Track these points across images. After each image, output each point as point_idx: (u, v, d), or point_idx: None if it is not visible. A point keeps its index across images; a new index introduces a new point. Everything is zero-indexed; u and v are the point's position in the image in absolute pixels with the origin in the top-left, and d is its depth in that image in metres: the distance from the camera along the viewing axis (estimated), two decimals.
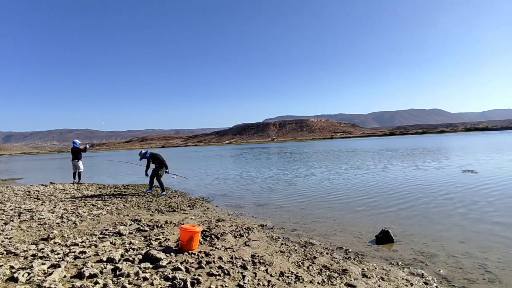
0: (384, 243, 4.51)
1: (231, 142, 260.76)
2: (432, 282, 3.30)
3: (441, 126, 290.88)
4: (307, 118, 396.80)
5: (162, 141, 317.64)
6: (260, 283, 3.09)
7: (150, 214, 6.55)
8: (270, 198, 8.39)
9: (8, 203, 7.62)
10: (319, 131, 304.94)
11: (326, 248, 4.41)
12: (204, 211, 6.94)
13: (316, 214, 6.39)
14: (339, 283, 3.21)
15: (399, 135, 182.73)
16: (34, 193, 9.69)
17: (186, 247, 3.96)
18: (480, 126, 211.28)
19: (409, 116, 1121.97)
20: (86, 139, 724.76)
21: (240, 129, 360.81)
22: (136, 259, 3.57)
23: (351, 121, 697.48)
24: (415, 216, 5.96)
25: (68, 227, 5.26)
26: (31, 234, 4.78)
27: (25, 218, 5.80)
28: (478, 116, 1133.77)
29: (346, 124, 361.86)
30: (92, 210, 6.74)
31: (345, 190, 9.00)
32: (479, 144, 32.79)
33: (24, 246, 3.97)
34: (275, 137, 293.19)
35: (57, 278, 2.97)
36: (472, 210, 6.20)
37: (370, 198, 7.75)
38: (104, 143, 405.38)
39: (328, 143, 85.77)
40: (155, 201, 8.22)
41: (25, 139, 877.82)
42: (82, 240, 4.36)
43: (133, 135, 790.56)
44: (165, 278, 3.09)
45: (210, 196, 9.11)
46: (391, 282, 3.30)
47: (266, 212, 6.80)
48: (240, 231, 5.12)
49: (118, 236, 4.64)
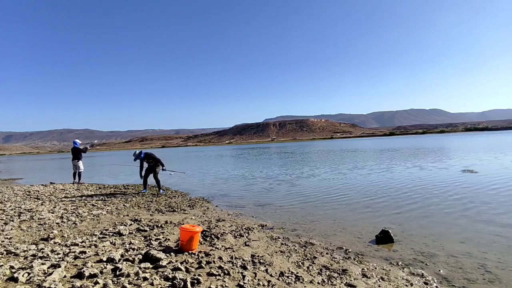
0: (384, 243, 4.51)
1: (231, 142, 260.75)
2: (432, 282, 3.31)
3: (441, 126, 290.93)
4: (307, 118, 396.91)
5: (162, 141, 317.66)
6: (260, 283, 3.09)
7: (150, 214, 6.55)
8: (270, 198, 8.39)
9: (8, 203, 7.62)
10: (319, 131, 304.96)
11: (326, 248, 4.41)
12: (204, 211, 6.94)
13: (316, 214, 6.40)
14: (339, 283, 3.21)
15: (399, 135, 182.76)
16: (34, 193, 9.69)
17: (186, 247, 3.96)
18: (480, 126, 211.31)
19: (409, 116, 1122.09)
20: (86, 139, 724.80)
21: (240, 129, 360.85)
22: (136, 259, 3.57)
23: (351, 121, 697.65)
24: (415, 216, 5.96)
25: (68, 227, 5.26)
26: (31, 234, 4.78)
27: (25, 218, 5.80)
28: (478, 116, 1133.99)
29: (346, 124, 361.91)
30: (92, 210, 6.74)
31: (345, 190, 8.99)
32: (479, 144, 32.78)
33: (24, 246, 3.97)
34: (275, 137, 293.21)
35: (57, 278, 2.97)
36: (472, 210, 6.20)
37: (370, 198, 7.75)
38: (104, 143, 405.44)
39: (328, 143, 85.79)
40: (155, 201, 8.22)
41: (25, 139, 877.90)
42: (82, 240, 4.36)
43: (133, 135, 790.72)
44: (165, 278, 3.09)
45: (210, 196, 9.11)
46: (391, 282, 3.30)
47: (266, 212, 6.81)
48: (240, 231, 5.12)
49: (118, 236, 4.64)
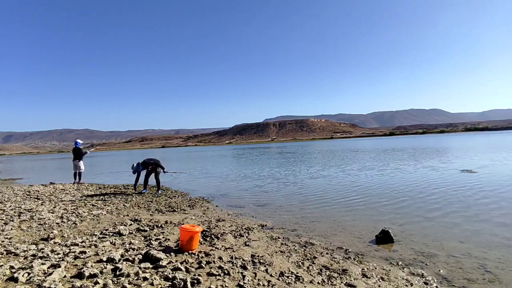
0: (384, 243, 4.51)
1: (231, 142, 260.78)
2: (432, 282, 3.31)
3: (441, 126, 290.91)
4: (307, 118, 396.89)
5: (162, 141, 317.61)
6: (260, 283, 3.09)
7: (150, 214, 6.55)
8: (270, 198, 8.39)
9: (8, 203, 7.62)
10: (319, 131, 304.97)
11: (326, 248, 4.41)
12: (204, 211, 6.94)
13: (316, 214, 6.40)
14: (339, 283, 3.21)
15: (399, 135, 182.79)
16: (34, 193, 9.69)
17: (186, 247, 3.96)
18: (480, 126, 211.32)
19: (409, 116, 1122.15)
20: (86, 139, 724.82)
21: (240, 129, 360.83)
22: (136, 259, 3.57)
23: (351, 121, 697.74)
24: (415, 216, 5.96)
25: (68, 227, 5.26)
26: (31, 234, 4.78)
27: (25, 218, 5.79)
28: (478, 116, 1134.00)
29: (346, 124, 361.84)
30: (92, 210, 6.74)
31: (345, 190, 8.99)
32: (479, 144, 32.79)
33: (24, 246, 3.97)
34: (275, 137, 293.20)
35: (57, 278, 2.97)
36: (472, 210, 6.20)
37: (370, 198, 7.75)
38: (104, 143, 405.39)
39: (328, 143, 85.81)
40: (155, 201, 8.22)
41: (25, 139, 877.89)
42: (82, 240, 4.36)
43: (133, 135, 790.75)
44: (165, 278, 3.09)
45: (210, 196, 9.11)
46: (391, 282, 3.30)
47: (266, 212, 6.81)
48: (240, 231, 5.12)
49: (118, 236, 4.64)
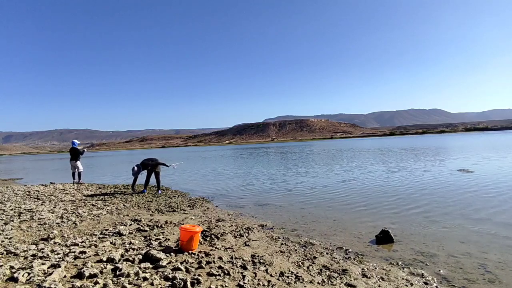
0: (384, 243, 4.51)
1: (231, 142, 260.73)
2: (432, 282, 3.31)
3: (441, 126, 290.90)
4: (307, 118, 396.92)
5: (162, 141, 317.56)
6: (260, 283, 3.09)
7: (150, 214, 6.54)
8: (270, 198, 8.39)
9: (8, 203, 7.62)
10: (319, 131, 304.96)
11: (326, 248, 4.41)
12: (204, 211, 6.94)
13: (316, 214, 6.40)
14: (339, 283, 3.21)
15: (399, 135, 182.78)
16: (34, 193, 9.68)
17: (186, 247, 3.96)
18: (480, 126, 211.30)
19: (409, 116, 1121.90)
20: (86, 139, 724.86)
21: (240, 129, 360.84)
22: (136, 259, 3.57)
23: (351, 121, 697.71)
24: (415, 216, 5.96)
25: (68, 227, 5.26)
26: (31, 234, 4.77)
27: (25, 218, 5.79)
28: (478, 116, 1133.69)
29: (346, 124, 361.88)
30: (92, 210, 6.74)
31: (345, 190, 8.99)
32: (479, 144, 32.78)
33: (24, 246, 3.97)
34: (275, 137, 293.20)
35: (57, 278, 2.97)
36: (472, 210, 6.20)
37: (370, 198, 7.75)
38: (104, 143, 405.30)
39: (328, 143, 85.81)
40: (155, 201, 8.22)
41: (25, 139, 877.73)
42: (82, 240, 4.36)
43: (133, 135, 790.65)
44: (165, 278, 3.09)
45: (210, 196, 9.11)
46: (391, 282, 3.30)
47: (266, 212, 6.81)
48: (240, 231, 5.12)
49: (118, 236, 4.64)
